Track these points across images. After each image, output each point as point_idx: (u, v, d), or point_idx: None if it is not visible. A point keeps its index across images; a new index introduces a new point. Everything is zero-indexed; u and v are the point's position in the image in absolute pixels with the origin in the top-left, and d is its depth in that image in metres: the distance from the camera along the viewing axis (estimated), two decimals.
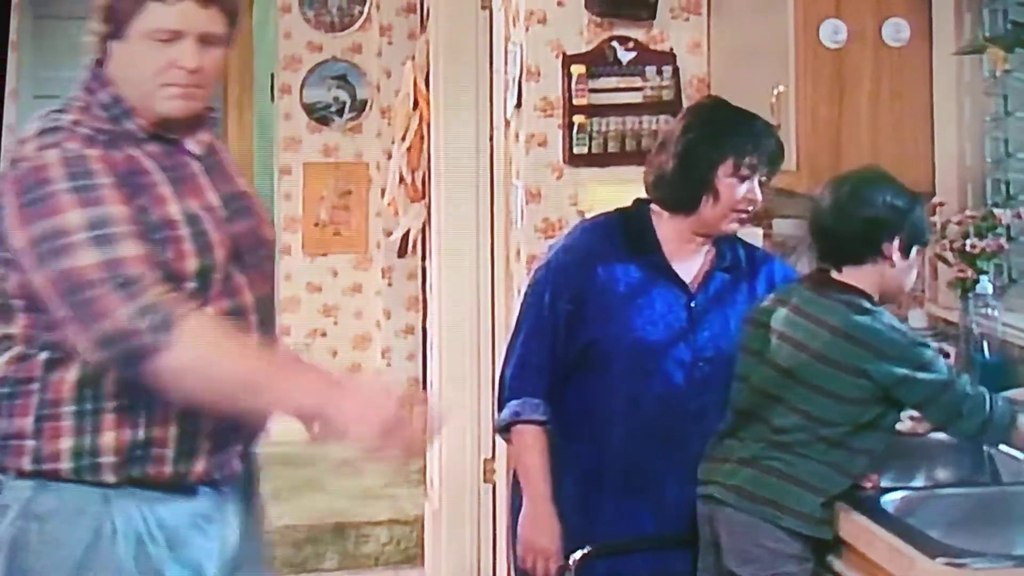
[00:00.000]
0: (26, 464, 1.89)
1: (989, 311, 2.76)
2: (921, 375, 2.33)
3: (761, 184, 2.59)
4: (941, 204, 2.99)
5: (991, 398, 2.37)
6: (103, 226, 1.80)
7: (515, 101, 3.73)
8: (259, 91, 6.98)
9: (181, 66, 1.89)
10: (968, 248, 2.82)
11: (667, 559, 2.60)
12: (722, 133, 2.58)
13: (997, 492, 2.54)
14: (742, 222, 2.62)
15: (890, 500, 2.40)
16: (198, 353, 1.80)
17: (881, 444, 2.46)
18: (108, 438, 1.90)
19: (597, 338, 2.57)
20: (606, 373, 2.57)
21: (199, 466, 1.97)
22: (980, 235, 2.82)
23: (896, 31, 3.14)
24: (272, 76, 6.48)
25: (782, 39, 3.19)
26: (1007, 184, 2.99)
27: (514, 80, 3.74)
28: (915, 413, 2.72)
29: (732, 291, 2.65)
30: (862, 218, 2.43)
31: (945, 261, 2.90)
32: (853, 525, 2.34)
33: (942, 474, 2.71)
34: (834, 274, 2.47)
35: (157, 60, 1.90)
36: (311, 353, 5.87)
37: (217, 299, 1.94)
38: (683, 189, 2.57)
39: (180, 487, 1.96)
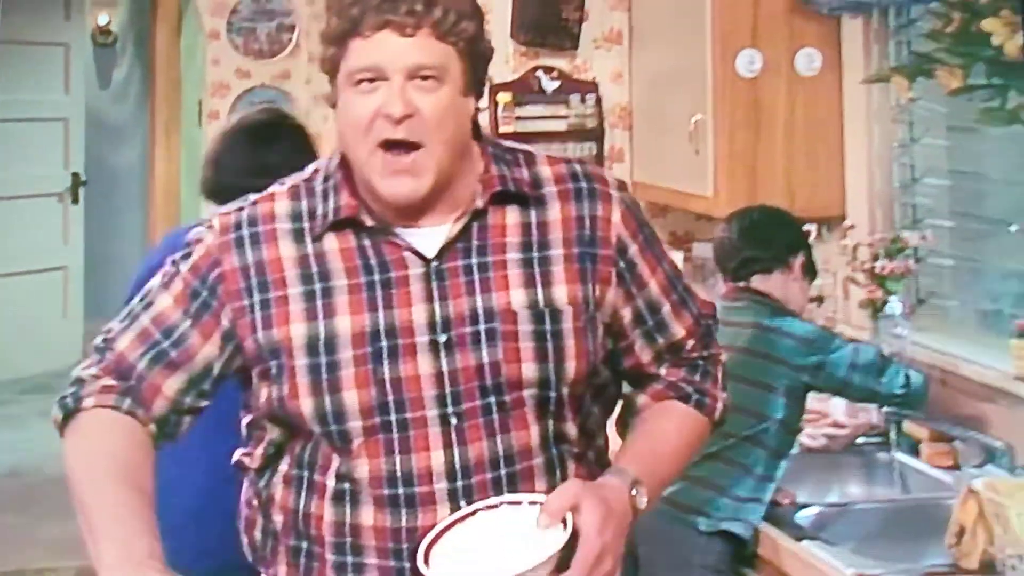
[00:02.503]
0: None
1: (899, 331, 2.84)
2: (834, 356, 2.51)
3: None
4: (852, 227, 3.10)
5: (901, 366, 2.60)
6: (141, 303, 1.57)
7: None
8: (188, 116, 6.97)
9: (387, 113, 1.44)
10: (878, 270, 2.91)
11: None
12: None
13: (907, 505, 2.63)
14: None
15: (805, 516, 2.49)
16: (73, 455, 1.49)
17: (794, 447, 2.60)
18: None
19: None
20: None
21: None
22: (889, 257, 2.91)
23: (809, 61, 3.24)
24: (200, 102, 6.46)
25: (700, 69, 3.28)
26: (914, 208, 3.09)
27: None
28: (829, 430, 2.83)
29: None
30: (774, 237, 2.67)
31: (856, 282, 3.00)
32: (769, 540, 2.41)
33: (855, 490, 2.80)
34: (742, 285, 2.66)
35: (362, 112, 1.46)
36: None
37: (364, 456, 1.48)
38: None
39: None
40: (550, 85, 3.79)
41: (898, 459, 2.77)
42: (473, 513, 1.42)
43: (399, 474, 1.47)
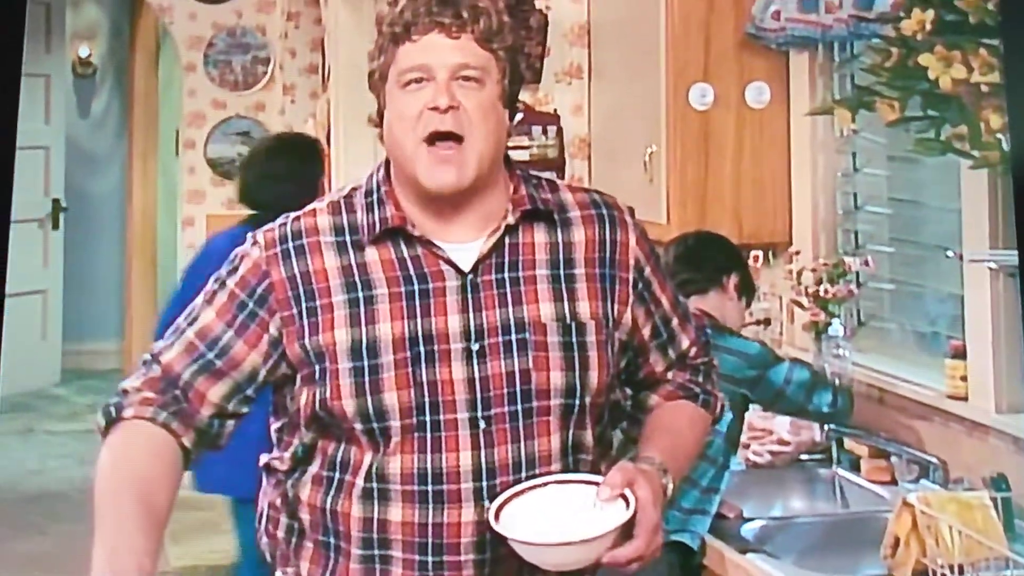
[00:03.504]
0: None
1: (840, 352, 2.93)
2: (771, 371, 2.64)
3: None
4: (797, 253, 3.20)
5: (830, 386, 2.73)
6: (185, 320, 1.67)
7: None
8: (165, 145, 7.10)
9: (434, 106, 1.58)
10: (821, 293, 3.01)
11: None
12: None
13: (845, 519, 2.72)
14: None
15: (750, 529, 2.58)
16: (100, 463, 1.58)
17: (734, 458, 2.70)
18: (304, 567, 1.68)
19: None
20: None
21: None
22: (832, 281, 3.01)
23: (758, 94, 3.33)
24: (176, 132, 6.59)
25: (655, 102, 3.37)
26: (856, 234, 3.20)
27: None
28: (774, 447, 2.93)
29: None
30: (706, 259, 2.78)
31: (800, 305, 3.09)
32: (715, 552, 2.50)
33: (798, 504, 2.89)
34: None
35: (411, 108, 1.59)
36: None
37: (399, 453, 1.58)
38: None
39: None
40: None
41: (839, 475, 2.87)
42: (544, 484, 1.56)
43: (430, 471, 1.57)
